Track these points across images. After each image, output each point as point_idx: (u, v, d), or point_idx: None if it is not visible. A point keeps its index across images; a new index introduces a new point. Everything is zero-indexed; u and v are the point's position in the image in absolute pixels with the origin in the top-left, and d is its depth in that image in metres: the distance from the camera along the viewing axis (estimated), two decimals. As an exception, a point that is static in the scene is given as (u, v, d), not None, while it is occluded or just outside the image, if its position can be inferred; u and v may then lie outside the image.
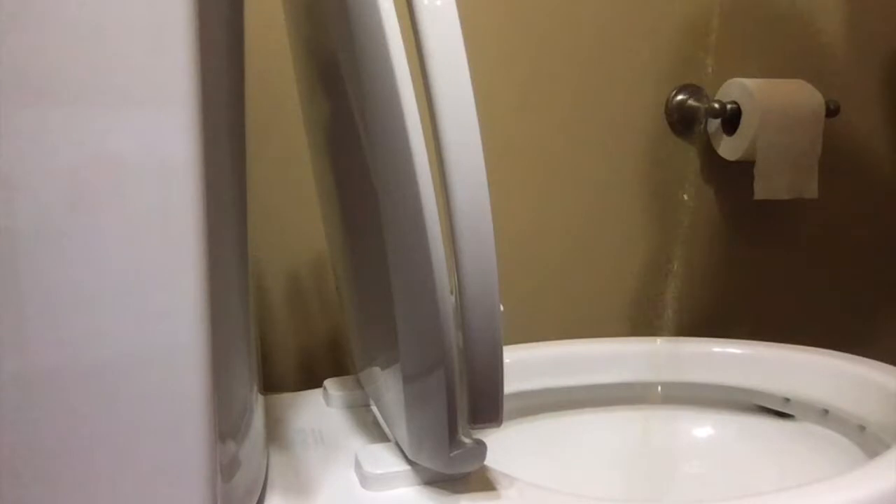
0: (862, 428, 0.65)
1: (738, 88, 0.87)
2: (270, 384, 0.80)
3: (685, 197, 0.92)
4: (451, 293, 0.42)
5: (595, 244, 0.89)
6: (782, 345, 0.72)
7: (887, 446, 0.56)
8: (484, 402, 0.43)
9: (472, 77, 0.39)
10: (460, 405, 0.44)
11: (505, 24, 0.82)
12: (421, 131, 0.40)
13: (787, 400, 0.71)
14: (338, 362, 0.82)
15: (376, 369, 0.54)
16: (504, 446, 0.67)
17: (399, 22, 0.39)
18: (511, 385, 0.69)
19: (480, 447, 0.46)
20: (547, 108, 0.85)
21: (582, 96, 0.86)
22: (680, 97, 0.89)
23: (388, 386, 0.51)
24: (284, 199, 0.78)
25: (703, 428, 0.74)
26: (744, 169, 0.88)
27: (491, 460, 0.49)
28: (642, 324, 0.92)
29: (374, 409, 0.61)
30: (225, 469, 0.40)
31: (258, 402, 0.50)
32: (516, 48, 0.83)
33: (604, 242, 0.90)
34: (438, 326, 0.42)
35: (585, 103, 0.86)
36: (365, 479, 0.48)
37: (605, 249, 0.90)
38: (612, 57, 0.86)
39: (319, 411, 0.61)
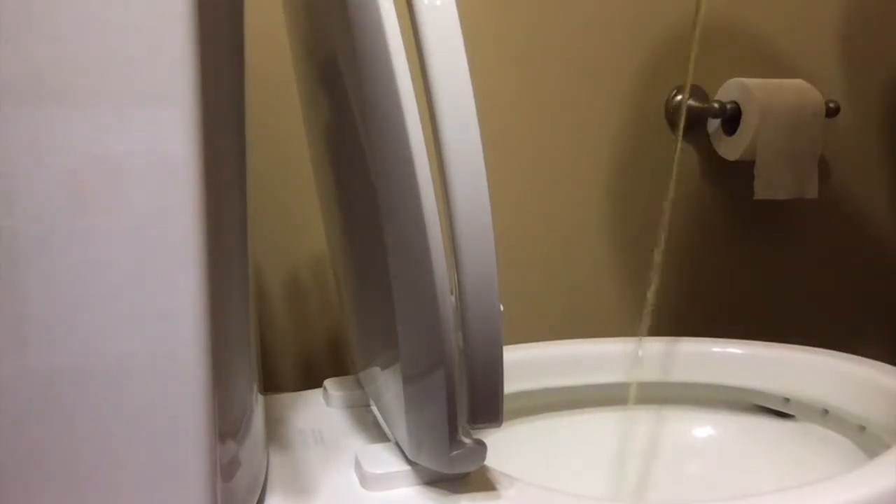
0: (862, 428, 0.65)
1: (738, 88, 0.87)
2: (270, 384, 0.80)
3: (685, 197, 0.92)
4: (451, 293, 0.42)
5: (595, 244, 0.89)
6: (782, 345, 0.72)
7: (887, 446, 0.56)
8: (484, 402, 0.43)
9: (471, 77, 0.39)
10: (460, 405, 0.44)
11: (505, 24, 0.82)
12: (421, 131, 0.40)
13: (787, 400, 0.71)
14: (338, 362, 0.82)
15: (376, 369, 0.54)
16: (504, 446, 0.68)
17: (399, 22, 0.39)
18: (511, 385, 0.69)
19: (480, 447, 0.46)
20: (546, 107, 0.85)
21: (582, 96, 0.86)
22: (680, 97, 0.89)
23: (388, 386, 0.51)
24: (284, 199, 0.78)
25: (703, 428, 0.74)
26: (744, 169, 0.88)
27: (491, 460, 0.49)
28: (642, 323, 0.92)
29: (374, 409, 0.61)
30: (225, 469, 0.40)
31: (258, 402, 0.50)
32: (516, 48, 0.83)
33: (603, 242, 0.90)
34: (438, 326, 0.42)
35: (585, 103, 0.86)
36: (365, 479, 0.48)
37: (604, 249, 0.90)
38: (612, 57, 0.86)
39: (319, 411, 0.61)
